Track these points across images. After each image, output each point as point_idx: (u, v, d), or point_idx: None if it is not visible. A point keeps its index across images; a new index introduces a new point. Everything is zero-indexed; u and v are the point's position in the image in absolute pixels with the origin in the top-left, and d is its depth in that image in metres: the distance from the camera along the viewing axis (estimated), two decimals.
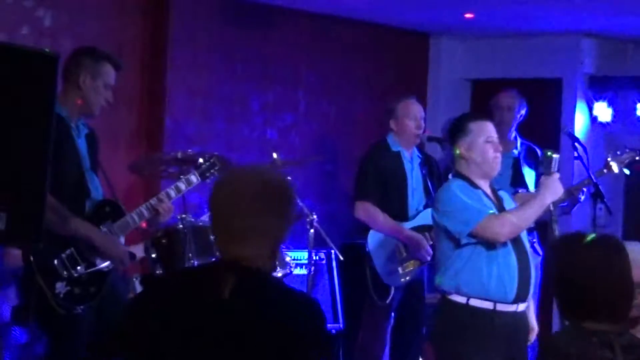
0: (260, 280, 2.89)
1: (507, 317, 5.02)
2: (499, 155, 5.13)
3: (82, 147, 5.17)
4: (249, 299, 2.84)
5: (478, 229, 4.97)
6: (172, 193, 5.45)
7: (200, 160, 5.66)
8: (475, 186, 5.12)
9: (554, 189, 5.09)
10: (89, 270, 5.05)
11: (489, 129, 5.16)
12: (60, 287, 4.96)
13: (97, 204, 5.19)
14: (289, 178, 3.04)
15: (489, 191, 5.18)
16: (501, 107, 7.19)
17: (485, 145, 5.10)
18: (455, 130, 5.20)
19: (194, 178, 5.54)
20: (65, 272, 4.98)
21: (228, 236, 2.90)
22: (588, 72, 8.62)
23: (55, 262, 4.97)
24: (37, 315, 4.98)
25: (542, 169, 5.14)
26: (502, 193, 5.27)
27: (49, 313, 4.95)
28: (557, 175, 5.11)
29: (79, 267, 5.02)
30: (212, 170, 5.64)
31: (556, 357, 3.22)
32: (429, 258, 6.50)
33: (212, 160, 5.65)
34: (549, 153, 5.12)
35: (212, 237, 6.01)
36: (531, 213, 5.04)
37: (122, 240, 5.25)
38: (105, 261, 5.12)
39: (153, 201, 5.35)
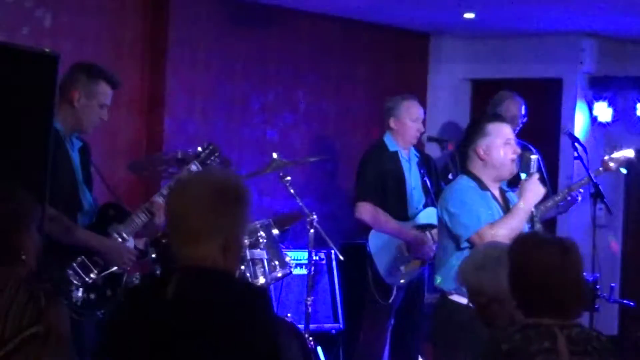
0: (204, 277, 2.97)
1: None
2: (515, 157, 5.15)
3: (75, 160, 5.14)
4: (190, 297, 2.93)
5: (475, 238, 5.01)
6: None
7: (199, 149, 5.65)
8: (485, 187, 5.14)
9: (536, 191, 5.12)
10: (102, 274, 5.05)
11: (507, 131, 5.19)
12: (76, 295, 4.97)
13: (101, 208, 5.19)
14: (242, 179, 3.15)
15: (497, 193, 5.20)
16: (514, 116, 7.10)
17: (505, 147, 5.13)
18: (474, 131, 5.23)
19: (194, 167, 5.53)
20: (79, 281, 4.97)
21: (177, 238, 3.04)
22: (588, 72, 8.61)
23: (69, 272, 4.97)
24: None
25: (521, 171, 5.16)
26: (510, 195, 5.28)
27: None
28: (536, 176, 5.14)
29: (92, 274, 5.02)
30: (212, 158, 5.62)
31: (491, 351, 3.32)
32: (432, 254, 6.51)
33: (211, 148, 5.63)
34: (527, 155, 5.17)
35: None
36: (520, 219, 5.08)
37: (132, 241, 5.24)
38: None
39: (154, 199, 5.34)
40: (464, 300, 5.04)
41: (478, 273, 4.01)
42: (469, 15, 8.02)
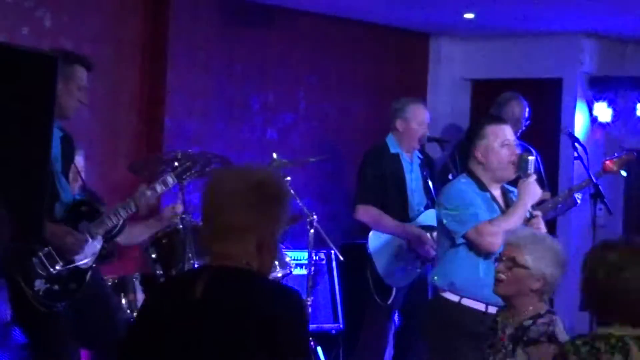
0: (235, 278, 2.90)
1: None
2: (514, 159, 5.15)
3: (54, 150, 5.16)
4: (220, 297, 2.87)
5: (471, 234, 5.02)
6: (149, 194, 5.48)
7: (176, 163, 5.71)
8: (484, 188, 5.15)
9: (533, 191, 5.12)
10: (67, 267, 5.08)
11: (505, 132, 5.19)
12: (40, 284, 5.01)
13: (73, 204, 5.22)
14: (283, 178, 3.03)
15: (498, 193, 5.20)
16: (517, 118, 7.10)
17: (502, 149, 5.14)
18: (472, 134, 5.25)
19: (170, 179, 5.58)
20: (43, 270, 5.01)
21: (211, 234, 2.94)
22: (588, 72, 8.61)
23: (34, 260, 5.00)
24: (16, 314, 5.00)
25: (518, 172, 5.15)
26: (513, 195, 5.27)
27: (27, 311, 4.97)
28: (533, 177, 5.15)
29: (57, 266, 5.05)
30: (188, 173, 5.69)
31: None
32: (433, 253, 6.50)
33: (187, 165, 5.69)
34: (524, 156, 5.17)
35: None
36: (517, 219, 5.07)
37: (100, 240, 5.25)
38: (84, 258, 5.16)
39: (130, 200, 5.39)
40: (455, 298, 5.07)
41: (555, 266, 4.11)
42: (469, 15, 8.03)
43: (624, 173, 6.45)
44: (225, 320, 2.84)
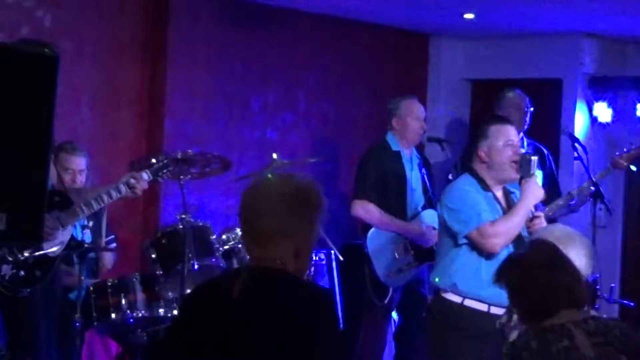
0: (272, 278, 2.97)
1: None
2: (516, 159, 5.14)
3: None
4: (256, 297, 2.92)
5: (474, 234, 5.01)
6: (122, 188, 5.50)
7: (153, 160, 5.74)
8: (487, 188, 5.14)
9: (535, 191, 5.12)
10: (35, 254, 5.10)
11: (509, 133, 5.19)
12: (6, 269, 5.06)
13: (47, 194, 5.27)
14: (319, 186, 3.11)
15: (500, 194, 5.20)
16: (520, 110, 7.09)
17: (505, 148, 5.13)
18: (476, 133, 5.25)
19: (145, 176, 5.60)
20: (11, 256, 5.04)
21: (251, 238, 3.03)
22: (588, 72, 8.61)
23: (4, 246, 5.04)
24: None
25: (520, 172, 5.15)
26: (515, 196, 5.27)
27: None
28: (535, 177, 5.14)
29: (25, 252, 5.10)
30: (164, 171, 5.73)
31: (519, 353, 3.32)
32: (431, 242, 6.46)
33: (165, 162, 5.72)
34: (527, 156, 5.17)
35: (212, 238, 6.10)
36: (519, 219, 5.08)
37: (70, 230, 5.32)
38: (53, 247, 5.18)
39: (105, 193, 5.40)
40: (457, 299, 5.06)
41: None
42: (469, 16, 8.03)
43: (633, 168, 6.44)
44: (259, 320, 2.90)
